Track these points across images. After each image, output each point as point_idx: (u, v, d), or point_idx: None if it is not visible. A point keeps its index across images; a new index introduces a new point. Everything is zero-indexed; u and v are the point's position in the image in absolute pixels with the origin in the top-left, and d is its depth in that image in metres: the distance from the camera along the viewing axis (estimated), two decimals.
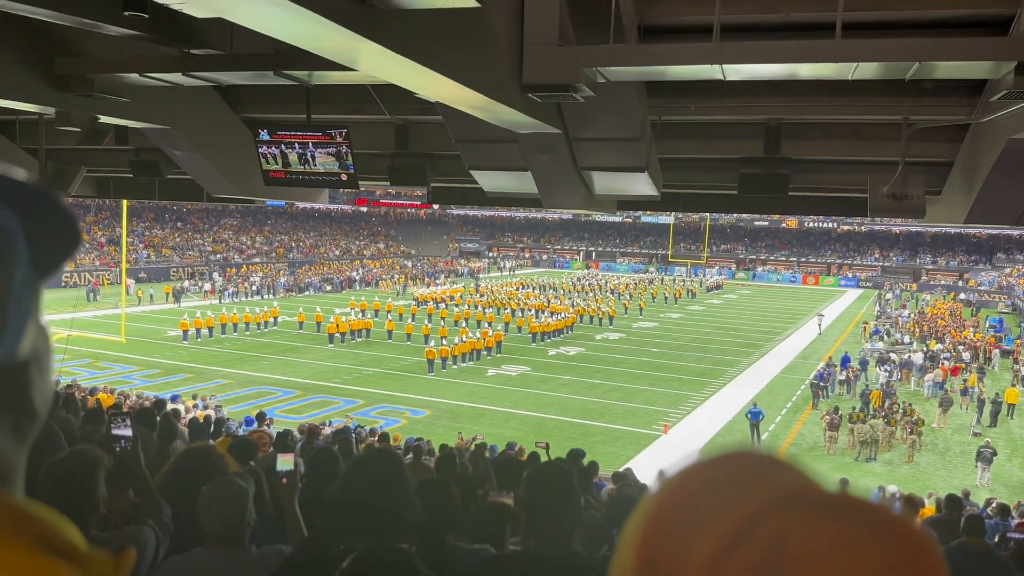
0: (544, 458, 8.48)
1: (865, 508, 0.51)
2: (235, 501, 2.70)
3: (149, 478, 3.04)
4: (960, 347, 32.49)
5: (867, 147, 10.01)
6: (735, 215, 72.54)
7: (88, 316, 35.84)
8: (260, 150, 9.89)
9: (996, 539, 8.88)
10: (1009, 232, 63.22)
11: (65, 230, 0.63)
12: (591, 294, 49.61)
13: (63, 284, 44.40)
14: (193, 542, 2.89)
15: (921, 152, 9.55)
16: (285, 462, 3.39)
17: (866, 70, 6.05)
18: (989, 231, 65.26)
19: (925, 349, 31.65)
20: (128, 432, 3.11)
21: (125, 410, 5.02)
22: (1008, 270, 60.64)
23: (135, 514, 2.91)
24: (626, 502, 3.55)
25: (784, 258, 73.98)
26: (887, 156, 9.52)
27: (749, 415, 20.71)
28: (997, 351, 32.68)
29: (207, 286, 47.43)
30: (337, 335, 31.58)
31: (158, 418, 7.55)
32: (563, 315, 36.84)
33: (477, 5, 5.00)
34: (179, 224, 64.55)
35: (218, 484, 2.75)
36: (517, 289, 50.20)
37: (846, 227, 74.85)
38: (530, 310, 39.30)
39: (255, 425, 13.53)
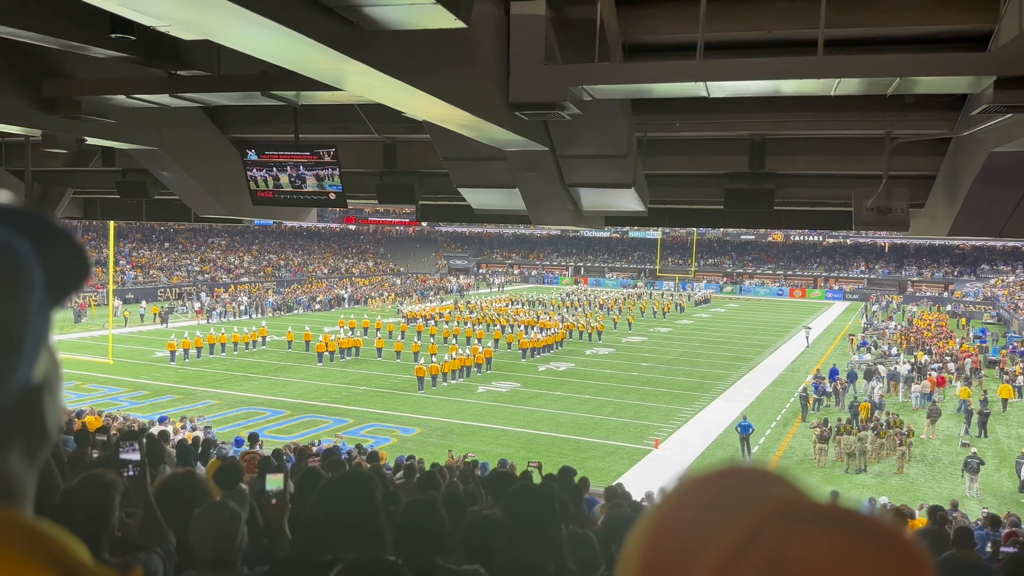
0: (537, 478, 8.41)
1: (860, 520, 0.52)
2: (227, 525, 2.68)
3: (155, 504, 3.00)
4: (947, 357, 32.72)
5: (851, 161, 10.12)
6: (722, 229, 72.98)
7: (75, 338, 35.56)
8: (248, 170, 9.90)
9: (988, 549, 8.90)
10: (992, 243, 63.90)
11: (76, 261, 0.68)
12: (580, 309, 49.62)
13: None
14: (182, 566, 2.86)
15: (904, 166, 9.66)
16: (274, 482, 3.38)
17: (848, 86, 6.12)
18: (973, 243, 65.90)
19: (912, 360, 31.83)
20: (136, 456, 3.08)
21: (113, 432, 4.98)
22: (992, 281, 61.23)
23: (143, 540, 2.88)
24: (621, 521, 3.54)
25: (771, 271, 74.35)
26: (871, 170, 9.63)
27: (739, 428, 20.73)
28: (977, 360, 32.91)
29: (195, 306, 47.12)
30: (326, 354, 31.45)
31: (144, 440, 7.48)
32: (552, 331, 36.83)
33: (463, 25, 5.03)
34: (166, 244, 64.25)
35: (210, 508, 2.73)
36: (506, 305, 50.19)
37: (832, 240, 75.40)
38: (520, 326, 39.28)
39: (245, 446, 13.41)
